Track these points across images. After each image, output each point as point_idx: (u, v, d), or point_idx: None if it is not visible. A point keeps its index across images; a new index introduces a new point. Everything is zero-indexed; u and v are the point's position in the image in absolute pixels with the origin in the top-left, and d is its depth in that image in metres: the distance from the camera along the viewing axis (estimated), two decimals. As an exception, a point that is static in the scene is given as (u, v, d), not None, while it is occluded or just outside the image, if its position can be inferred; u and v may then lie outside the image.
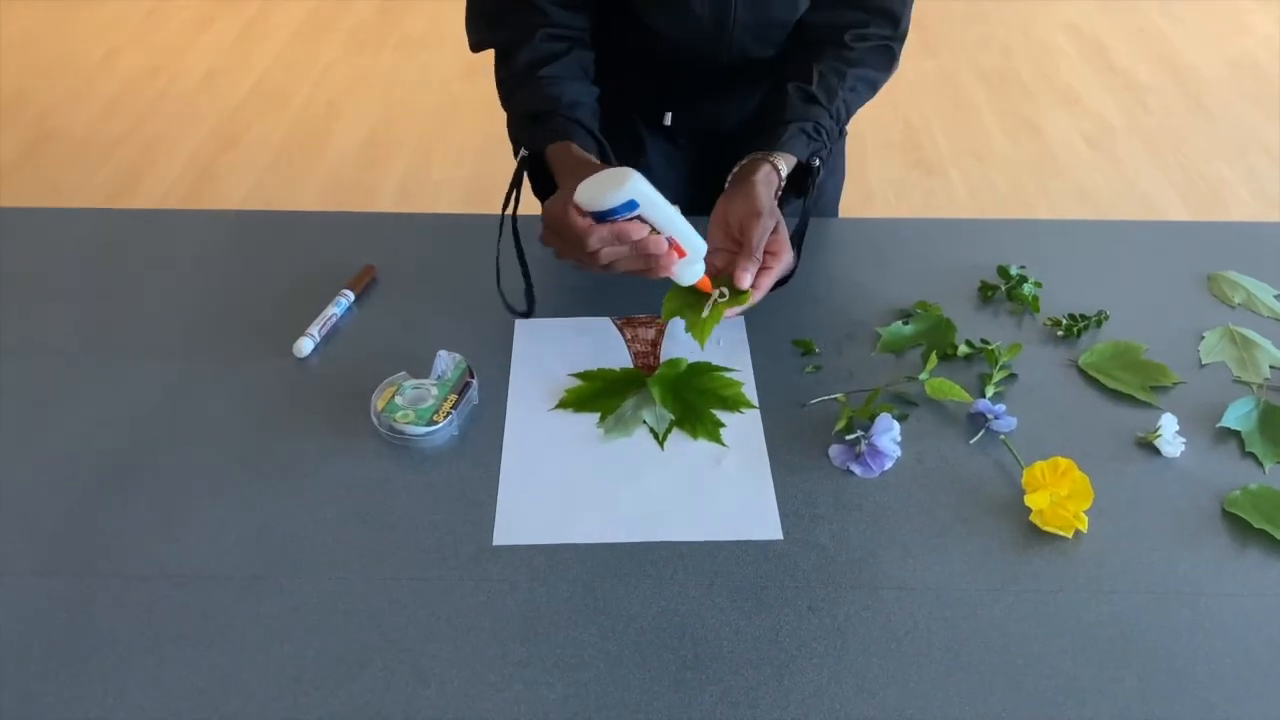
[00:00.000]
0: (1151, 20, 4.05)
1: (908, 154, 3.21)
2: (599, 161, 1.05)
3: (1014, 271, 1.14)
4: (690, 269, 0.98)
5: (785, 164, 1.08)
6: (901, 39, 1.17)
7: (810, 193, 1.11)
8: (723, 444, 0.95)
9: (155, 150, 3.21)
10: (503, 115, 1.14)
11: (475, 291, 1.13)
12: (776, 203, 1.06)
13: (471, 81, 3.51)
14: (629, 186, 0.91)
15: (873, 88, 1.17)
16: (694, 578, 0.84)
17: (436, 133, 3.21)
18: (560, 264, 1.11)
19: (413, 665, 0.77)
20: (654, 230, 0.94)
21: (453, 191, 2.94)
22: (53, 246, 1.21)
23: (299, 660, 0.77)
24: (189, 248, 1.22)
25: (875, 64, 1.16)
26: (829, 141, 1.11)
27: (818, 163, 1.10)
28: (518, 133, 1.12)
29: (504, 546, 0.86)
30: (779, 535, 0.87)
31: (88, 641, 0.79)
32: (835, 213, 1.42)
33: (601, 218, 0.93)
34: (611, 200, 0.91)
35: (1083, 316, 1.09)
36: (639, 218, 0.93)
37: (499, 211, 1.09)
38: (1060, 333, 1.08)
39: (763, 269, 1.02)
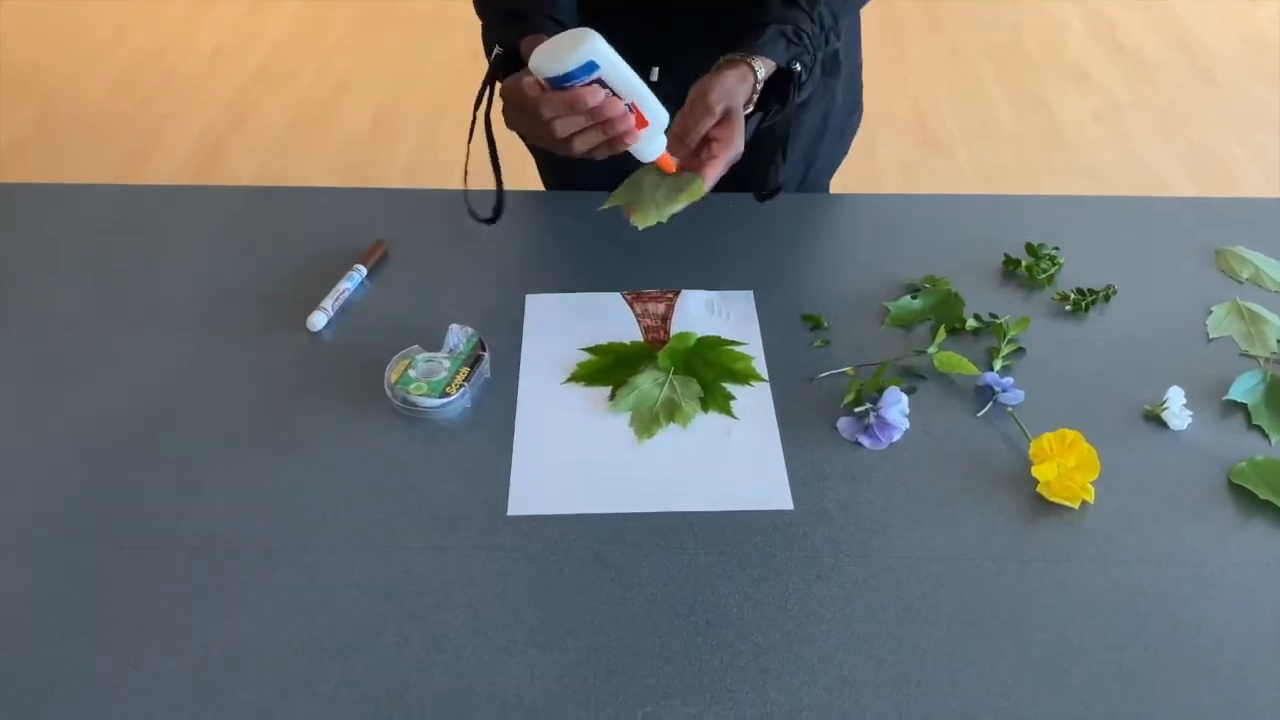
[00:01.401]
0: (1162, -3, 4.02)
1: (916, 133, 3.20)
2: None
3: (1046, 250, 1.14)
4: (651, 143, 0.94)
5: (763, 67, 1.02)
6: None
7: (791, 98, 1.06)
8: (733, 416, 0.96)
9: (163, 128, 3.21)
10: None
11: (486, 266, 1.14)
12: (753, 110, 1.03)
13: (479, 59, 3.50)
14: (586, 46, 0.85)
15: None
16: (704, 547, 0.85)
17: (444, 109, 3.21)
18: (567, 238, 1.13)
19: (426, 633, 0.78)
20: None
21: (460, 168, 2.93)
22: (66, 222, 1.22)
23: (314, 628, 0.79)
24: (202, 223, 1.22)
25: None
26: (811, 47, 1.06)
27: (799, 68, 1.05)
28: (494, 32, 1.08)
29: (516, 516, 0.87)
30: (789, 505, 0.88)
31: (106, 610, 0.80)
32: (827, 187, 1.41)
33: (559, 84, 0.87)
34: (568, 64, 0.85)
35: (1091, 291, 1.10)
36: (599, 82, 0.87)
37: (512, 186, 1.10)
38: (1068, 307, 1.08)
39: (709, 158, 0.98)
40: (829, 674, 0.76)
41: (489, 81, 1.07)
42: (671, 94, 1.28)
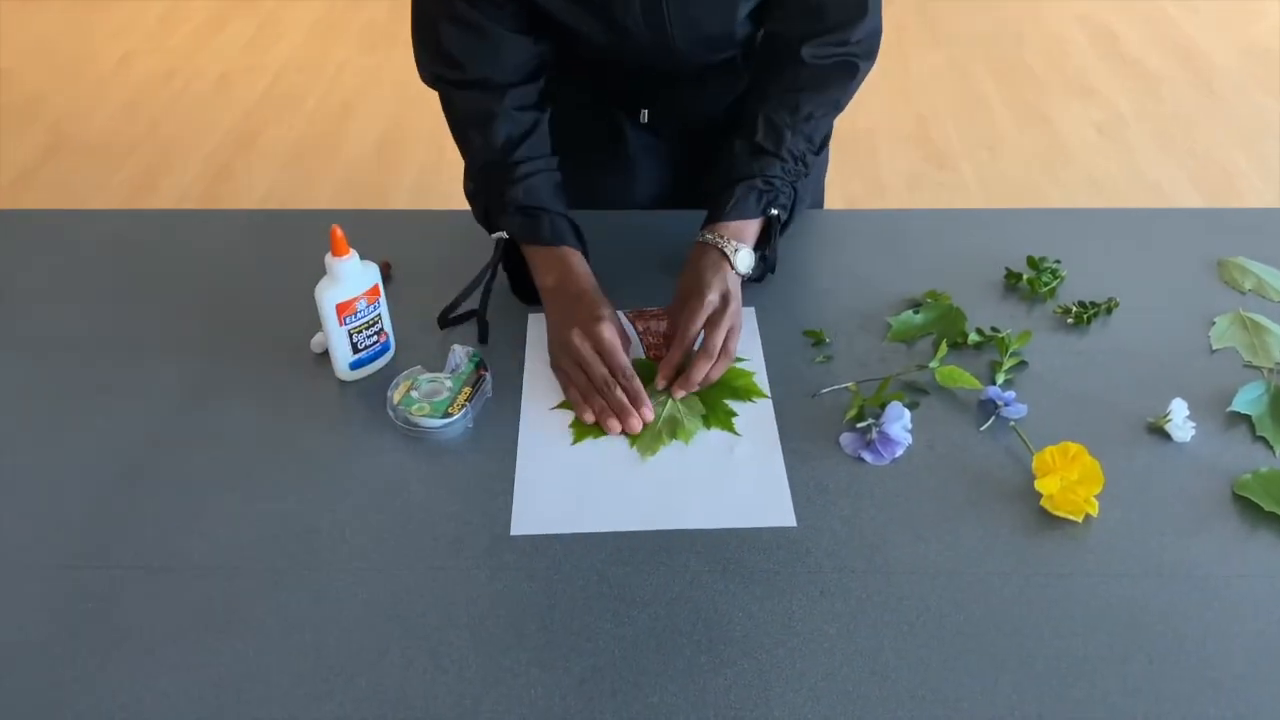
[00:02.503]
0: (1162, 8, 4.03)
1: (919, 147, 3.20)
2: (585, 288, 1.05)
3: (1047, 264, 1.15)
4: None
5: (735, 238, 1.06)
6: (868, 40, 1.11)
7: (772, 244, 1.10)
8: (735, 433, 0.96)
9: (171, 153, 3.24)
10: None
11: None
12: (730, 283, 1.04)
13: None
14: None
15: (836, 107, 1.13)
16: (707, 564, 0.85)
17: (449, 133, 3.22)
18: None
19: (431, 653, 0.79)
20: None
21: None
22: (73, 248, 1.23)
23: (320, 648, 0.79)
24: (207, 247, 1.23)
25: (835, 81, 1.11)
26: (787, 184, 1.09)
27: (775, 212, 1.08)
28: (501, 218, 1.10)
29: (519, 536, 0.87)
30: (793, 522, 0.88)
31: (114, 632, 0.80)
32: (820, 197, 1.41)
33: None
34: None
35: (1093, 304, 1.10)
36: None
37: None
38: (1070, 320, 1.09)
39: (707, 358, 1.00)
40: (833, 691, 0.76)
41: (494, 265, 1.10)
42: (661, 129, 1.28)
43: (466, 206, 1.16)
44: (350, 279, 0.98)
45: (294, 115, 3.43)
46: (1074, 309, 1.09)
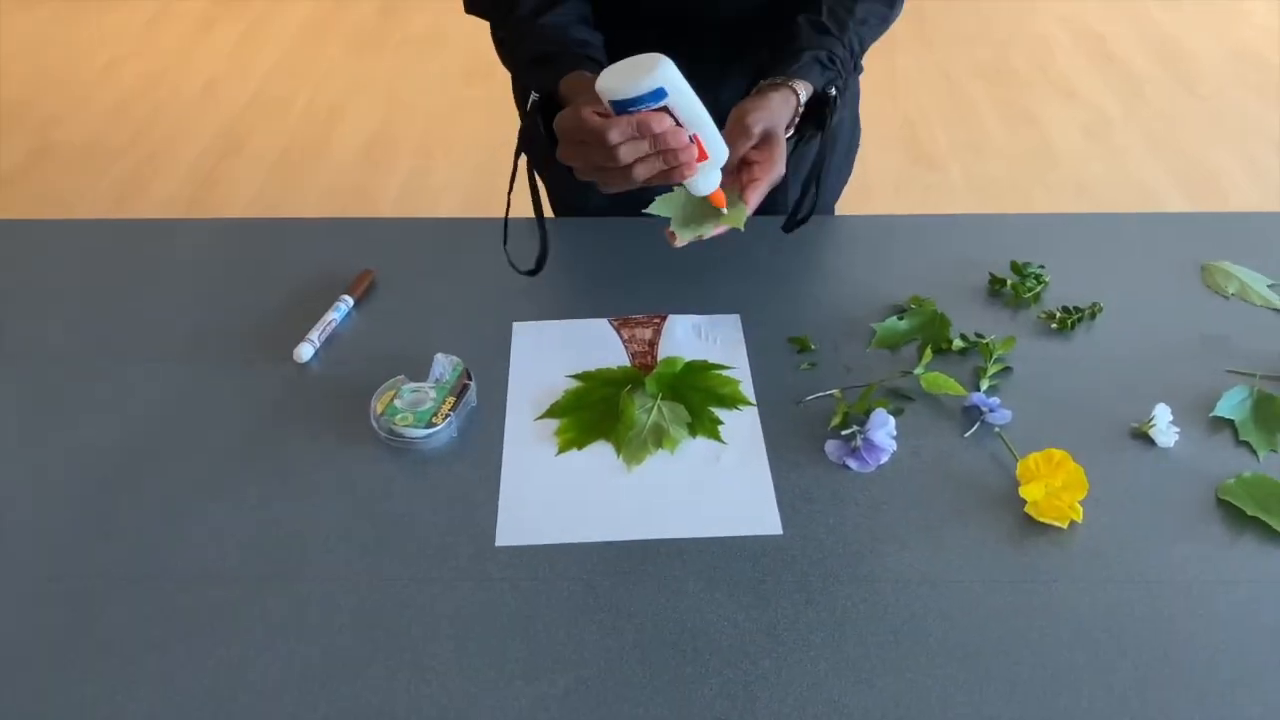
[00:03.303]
0: (1148, 10, 4.05)
1: (907, 149, 3.21)
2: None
3: (1031, 269, 1.15)
4: (707, 177, 0.93)
5: (803, 90, 1.04)
6: None
7: (829, 124, 1.07)
8: (721, 441, 0.96)
9: (158, 158, 3.23)
10: (504, 117, 1.13)
11: (473, 295, 1.14)
12: (790, 129, 1.03)
13: (472, 85, 3.53)
14: (659, 73, 0.84)
15: (884, 21, 1.13)
16: (693, 573, 0.85)
17: (438, 136, 3.22)
18: (554, 265, 1.13)
19: (415, 664, 0.78)
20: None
21: (453, 195, 2.95)
22: (57, 257, 1.23)
23: (304, 659, 0.79)
24: (190, 256, 1.23)
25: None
26: (844, 72, 1.07)
27: (834, 92, 1.06)
28: (526, 79, 1.07)
29: (504, 547, 0.87)
30: (779, 530, 0.88)
31: (96, 642, 0.80)
32: (832, 210, 1.42)
33: (623, 109, 0.86)
34: (640, 87, 0.84)
35: (1076, 309, 1.10)
36: (665, 110, 0.86)
37: (498, 216, 1.10)
38: (1054, 326, 1.09)
39: (750, 180, 0.98)
40: (819, 700, 0.76)
41: (529, 128, 1.06)
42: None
43: (456, 214, 1.16)
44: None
45: (281, 119, 3.42)
46: (1058, 314, 1.09)
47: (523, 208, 1.13)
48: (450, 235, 1.22)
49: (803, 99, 1.04)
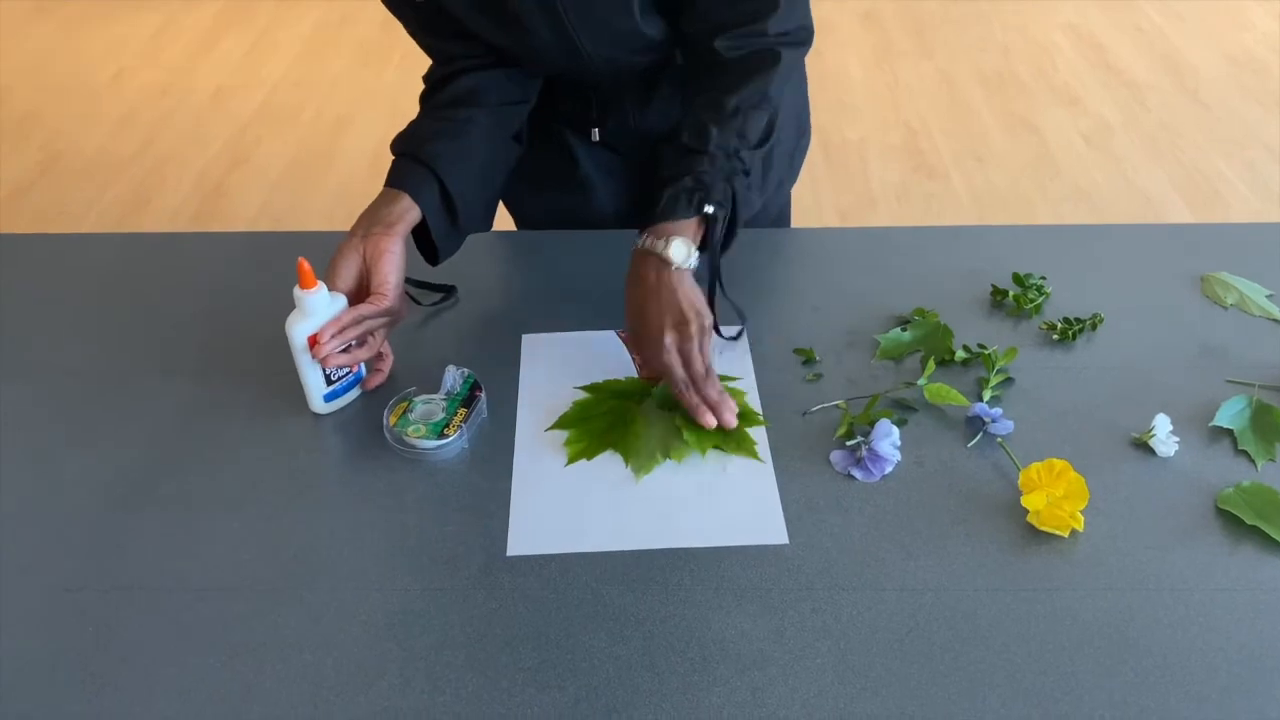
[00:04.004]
0: (1150, 18, 4.06)
1: (909, 157, 3.23)
2: (367, 226, 1.05)
3: (1033, 280, 1.16)
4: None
5: (664, 237, 1.00)
6: (790, 42, 1.07)
7: (712, 244, 1.03)
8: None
9: (165, 169, 3.25)
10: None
11: (483, 308, 1.16)
12: (677, 295, 1.00)
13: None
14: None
15: (765, 99, 1.06)
16: (700, 582, 0.86)
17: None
18: (562, 279, 1.15)
19: (428, 673, 0.80)
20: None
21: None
22: (68, 270, 1.24)
23: (318, 669, 0.80)
24: (200, 269, 1.25)
25: (759, 72, 1.06)
26: (724, 180, 1.03)
27: (709, 210, 1.01)
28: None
29: (515, 556, 0.88)
30: (785, 539, 0.89)
31: (112, 653, 0.82)
32: (785, 209, 1.42)
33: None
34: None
35: (1078, 320, 1.11)
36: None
37: (505, 228, 1.12)
38: (1055, 336, 1.10)
39: (652, 376, 1.03)
40: (825, 707, 0.77)
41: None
42: (617, 149, 1.28)
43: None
44: (320, 312, 0.98)
45: (288, 131, 3.44)
46: (1059, 325, 1.11)
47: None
48: (460, 248, 1.23)
49: (667, 249, 1.00)
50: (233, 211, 3.05)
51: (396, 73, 3.78)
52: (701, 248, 1.03)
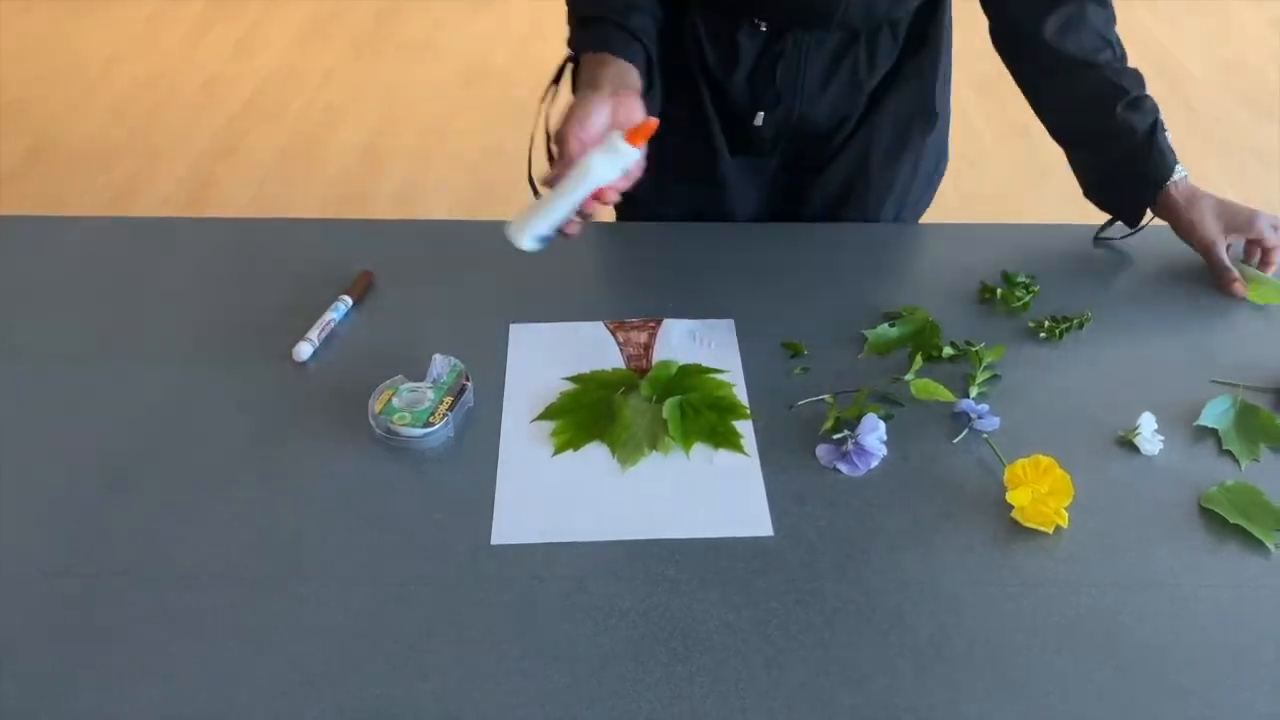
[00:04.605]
0: (1142, 22, 4.08)
1: (901, 158, 3.23)
2: (612, 85, 1.01)
3: (1020, 279, 1.17)
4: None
5: (1170, 172, 1.20)
6: None
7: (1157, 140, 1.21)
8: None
9: (155, 158, 3.23)
10: (500, 122, 1.16)
11: (470, 296, 1.15)
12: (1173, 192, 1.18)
13: (469, 89, 3.54)
14: (525, 236, 0.97)
15: (1115, 52, 1.27)
16: (686, 573, 0.86)
17: (434, 140, 3.24)
18: (550, 268, 1.14)
19: (413, 661, 0.79)
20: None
21: (449, 198, 2.97)
22: (56, 254, 1.24)
23: (303, 657, 0.80)
24: (190, 255, 1.24)
25: (1092, 36, 1.24)
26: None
27: (1166, 132, 1.20)
28: (569, 38, 1.11)
29: (500, 545, 0.88)
30: (770, 531, 0.89)
31: (96, 640, 0.81)
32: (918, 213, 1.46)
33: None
34: (522, 243, 0.98)
35: (1065, 318, 1.12)
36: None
37: (496, 218, 1.11)
38: (1043, 335, 1.10)
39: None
40: (808, 699, 0.77)
41: (555, 80, 1.11)
42: (762, 146, 1.27)
43: (451, 216, 1.17)
44: (622, 171, 0.96)
45: (279, 122, 3.43)
46: (1047, 324, 1.11)
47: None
48: (448, 238, 1.24)
49: (1178, 174, 1.19)
50: (222, 202, 3.04)
51: (387, 66, 3.77)
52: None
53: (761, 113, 1.24)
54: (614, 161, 0.95)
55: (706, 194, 1.31)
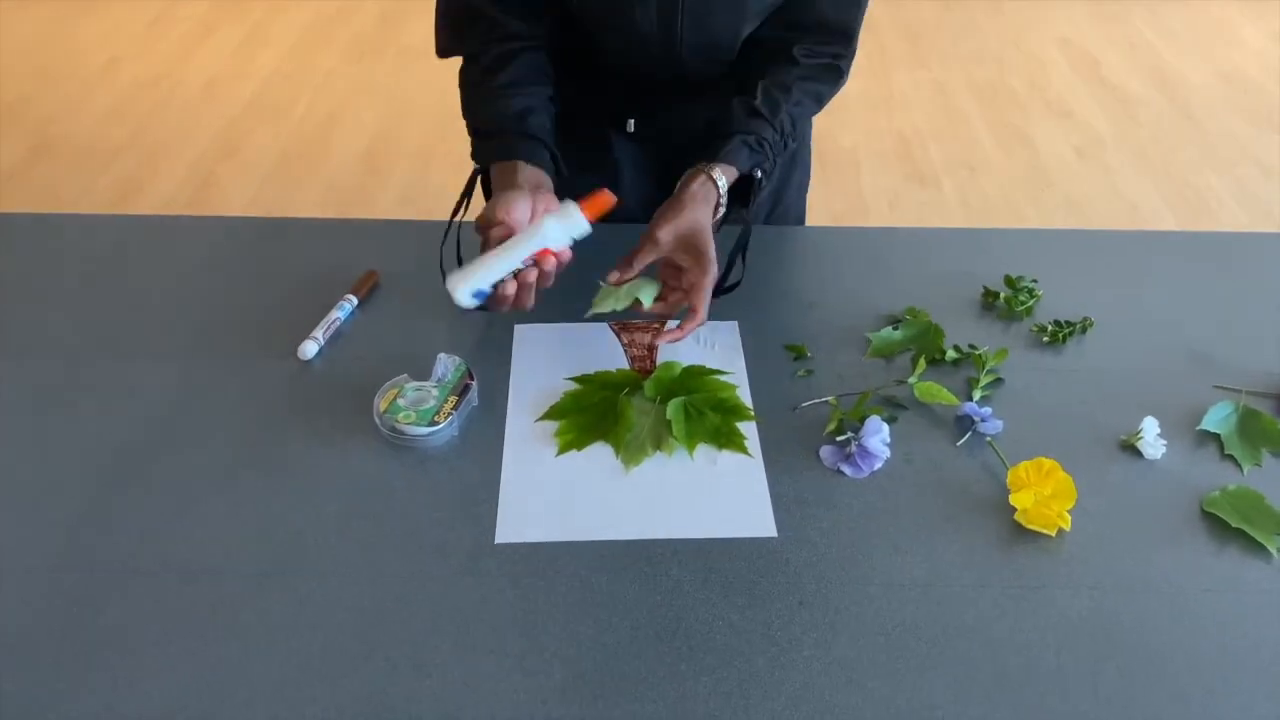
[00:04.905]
0: (1142, 34, 4.09)
1: (901, 165, 3.24)
2: (530, 185, 1.06)
3: (1024, 283, 1.17)
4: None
5: (725, 176, 1.09)
6: (851, 57, 1.18)
7: (752, 203, 1.13)
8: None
9: (156, 158, 3.24)
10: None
11: (475, 297, 1.15)
12: (715, 215, 1.09)
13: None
14: (462, 291, 0.98)
15: (819, 101, 1.19)
16: (689, 573, 0.86)
17: (435, 142, 3.24)
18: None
19: (415, 658, 0.79)
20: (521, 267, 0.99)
21: (451, 200, 2.96)
22: (60, 251, 1.24)
23: (304, 653, 0.80)
24: (196, 253, 1.24)
25: (822, 79, 1.17)
26: (772, 154, 1.13)
27: (759, 174, 1.12)
28: (472, 149, 1.15)
29: (503, 544, 0.88)
30: (773, 532, 0.90)
31: (98, 634, 0.81)
32: (803, 214, 1.44)
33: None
34: (463, 301, 0.99)
35: (1068, 323, 1.12)
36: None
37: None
38: (1046, 339, 1.11)
39: (691, 286, 1.05)
40: (810, 699, 0.77)
41: (465, 194, 1.16)
42: (646, 140, 1.30)
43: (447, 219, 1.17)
44: (568, 236, 0.99)
45: (280, 123, 3.43)
46: (1050, 328, 1.11)
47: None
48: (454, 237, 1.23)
49: (723, 187, 1.09)
50: (224, 202, 3.04)
51: (389, 69, 3.78)
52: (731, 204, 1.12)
53: (632, 119, 1.29)
54: (566, 228, 0.99)
55: (601, 183, 1.32)
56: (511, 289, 0.99)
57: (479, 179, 1.16)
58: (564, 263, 1.01)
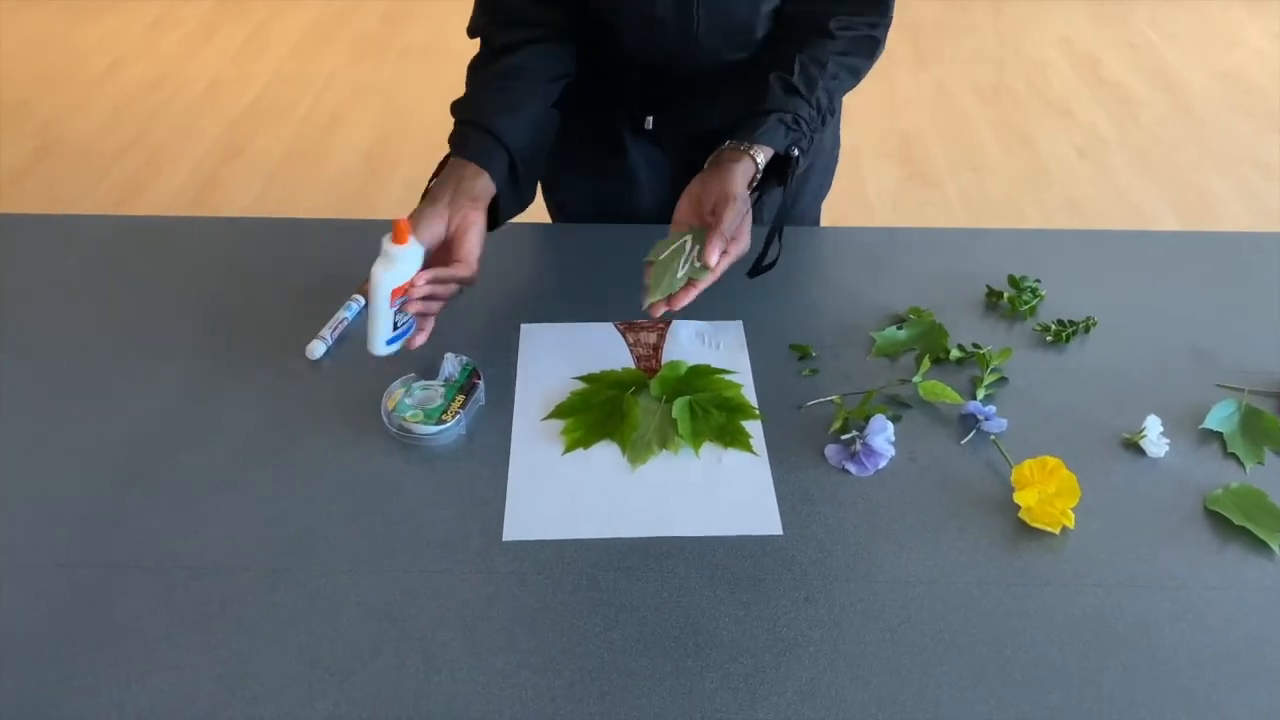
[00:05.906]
0: (1144, 34, 4.10)
1: (903, 165, 3.25)
2: (452, 196, 1.05)
3: (1027, 283, 1.18)
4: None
5: (763, 155, 1.07)
6: (887, 26, 1.16)
7: (790, 182, 1.10)
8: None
9: (158, 160, 3.24)
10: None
11: (482, 296, 1.16)
12: (751, 191, 1.07)
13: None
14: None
15: (856, 75, 1.16)
16: (695, 570, 0.87)
17: (438, 143, 3.24)
18: (562, 269, 1.15)
19: (423, 654, 0.80)
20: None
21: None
22: (66, 252, 1.24)
23: (313, 649, 0.80)
24: (204, 253, 1.25)
25: (859, 52, 1.15)
26: (809, 132, 1.11)
27: (796, 153, 1.09)
28: (452, 133, 1.14)
29: (511, 542, 0.89)
30: (779, 530, 0.90)
31: (108, 630, 0.82)
32: (816, 221, 1.44)
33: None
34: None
35: (1071, 322, 1.12)
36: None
37: (537, 218, 1.12)
38: (1049, 338, 1.11)
39: (722, 254, 1.03)
40: (817, 695, 0.78)
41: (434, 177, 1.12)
42: (664, 139, 1.30)
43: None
44: (405, 265, 0.97)
45: (282, 125, 3.44)
46: (1053, 327, 1.12)
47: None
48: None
49: (761, 164, 1.07)
50: (227, 203, 3.04)
51: (391, 70, 3.78)
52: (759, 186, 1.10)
53: (650, 117, 1.28)
54: (388, 264, 0.96)
55: (616, 187, 1.33)
56: (414, 330, 1.00)
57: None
58: (458, 278, 1.01)
